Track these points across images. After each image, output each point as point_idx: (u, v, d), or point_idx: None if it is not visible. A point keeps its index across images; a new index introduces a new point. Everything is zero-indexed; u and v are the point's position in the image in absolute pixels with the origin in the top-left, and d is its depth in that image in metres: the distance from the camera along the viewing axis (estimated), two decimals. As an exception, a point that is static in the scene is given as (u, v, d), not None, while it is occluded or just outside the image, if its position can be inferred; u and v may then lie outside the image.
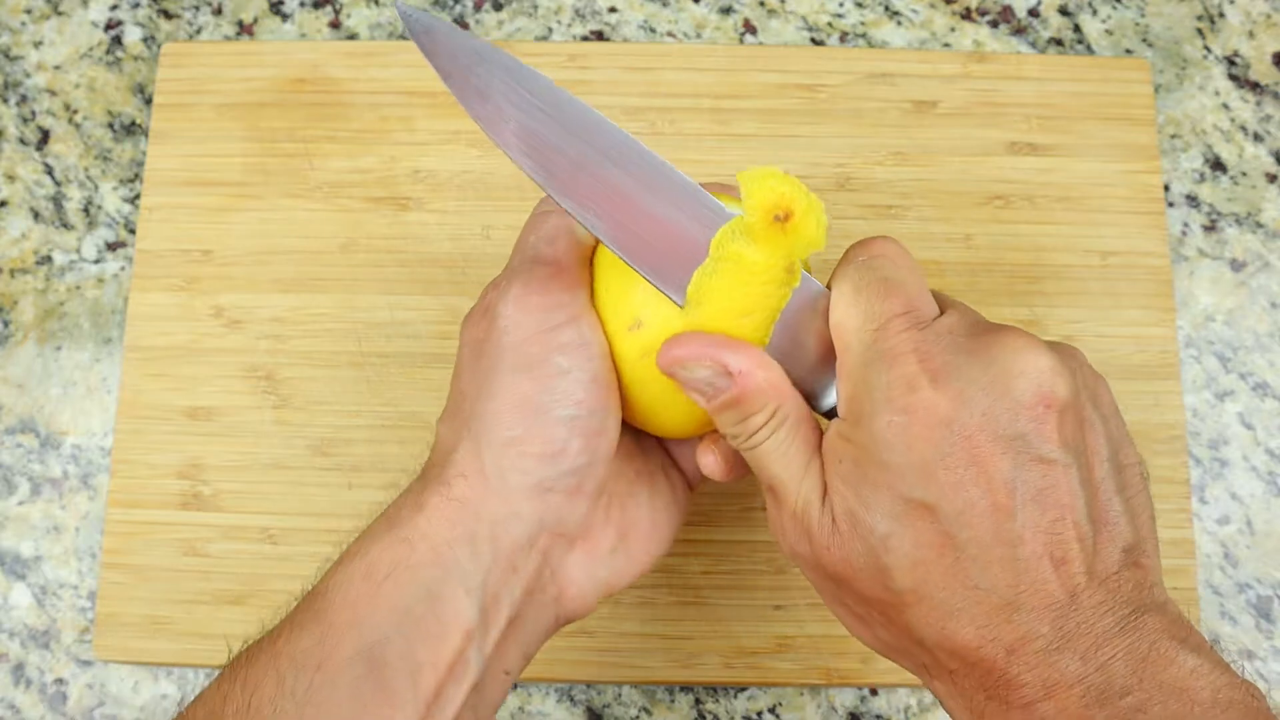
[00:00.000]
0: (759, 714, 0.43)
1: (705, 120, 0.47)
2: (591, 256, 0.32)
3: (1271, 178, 0.48)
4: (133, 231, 0.47)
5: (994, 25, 0.49)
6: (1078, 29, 0.49)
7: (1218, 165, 0.48)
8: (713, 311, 0.29)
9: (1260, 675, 0.43)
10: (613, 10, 0.50)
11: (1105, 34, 0.49)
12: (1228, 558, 0.44)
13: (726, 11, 0.50)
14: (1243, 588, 0.44)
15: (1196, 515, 0.44)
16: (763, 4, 0.50)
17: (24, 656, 0.44)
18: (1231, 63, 0.49)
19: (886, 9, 0.49)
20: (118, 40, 0.50)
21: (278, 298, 0.45)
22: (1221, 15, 0.49)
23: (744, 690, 0.43)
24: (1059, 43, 0.49)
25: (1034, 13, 0.49)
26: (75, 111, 0.49)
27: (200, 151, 0.47)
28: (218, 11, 0.50)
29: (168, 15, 0.50)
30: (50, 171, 0.48)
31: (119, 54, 0.50)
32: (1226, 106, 0.48)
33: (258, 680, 0.27)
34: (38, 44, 0.50)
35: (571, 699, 0.43)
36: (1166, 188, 0.47)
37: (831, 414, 0.30)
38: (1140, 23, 0.49)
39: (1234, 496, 0.44)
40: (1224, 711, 0.24)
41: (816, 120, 0.47)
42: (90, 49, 0.50)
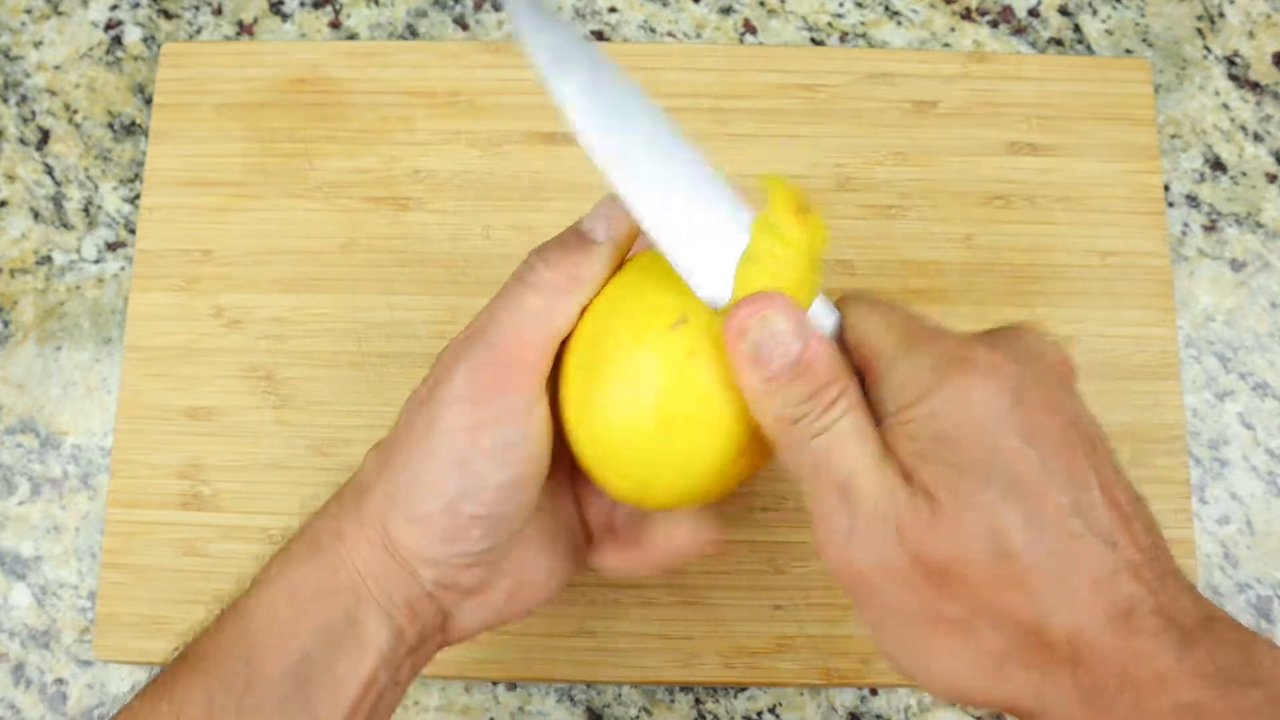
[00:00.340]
0: (759, 714, 0.43)
1: (705, 120, 0.47)
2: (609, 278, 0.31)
3: (1271, 178, 0.48)
4: (133, 231, 0.47)
5: (994, 25, 0.49)
6: (1078, 29, 0.49)
7: (1218, 165, 0.48)
8: None
9: (1260, 675, 0.43)
10: (613, 10, 0.50)
11: (1105, 34, 0.49)
12: (1228, 558, 0.44)
13: (726, 11, 0.50)
14: (1243, 588, 0.44)
15: (1196, 515, 0.44)
16: (763, 4, 0.50)
17: (24, 656, 0.44)
18: (1231, 63, 0.49)
19: (886, 9, 0.49)
20: (118, 40, 0.50)
21: (278, 298, 0.45)
22: (1221, 15, 0.49)
23: (744, 690, 0.43)
24: (1059, 43, 0.49)
25: (1034, 13, 0.49)
26: (75, 111, 0.49)
27: (200, 151, 0.47)
28: (218, 11, 0.50)
29: (168, 15, 0.50)
30: (50, 171, 0.48)
31: (119, 54, 0.50)
32: (1226, 106, 0.48)
33: (185, 697, 0.28)
34: (38, 44, 0.50)
35: (571, 699, 0.43)
36: (1166, 188, 0.47)
37: None
38: (1140, 23, 0.49)
39: (1234, 496, 0.44)
40: None
41: (816, 120, 0.47)
42: (90, 49, 0.50)
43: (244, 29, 0.50)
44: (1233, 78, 0.49)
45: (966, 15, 0.49)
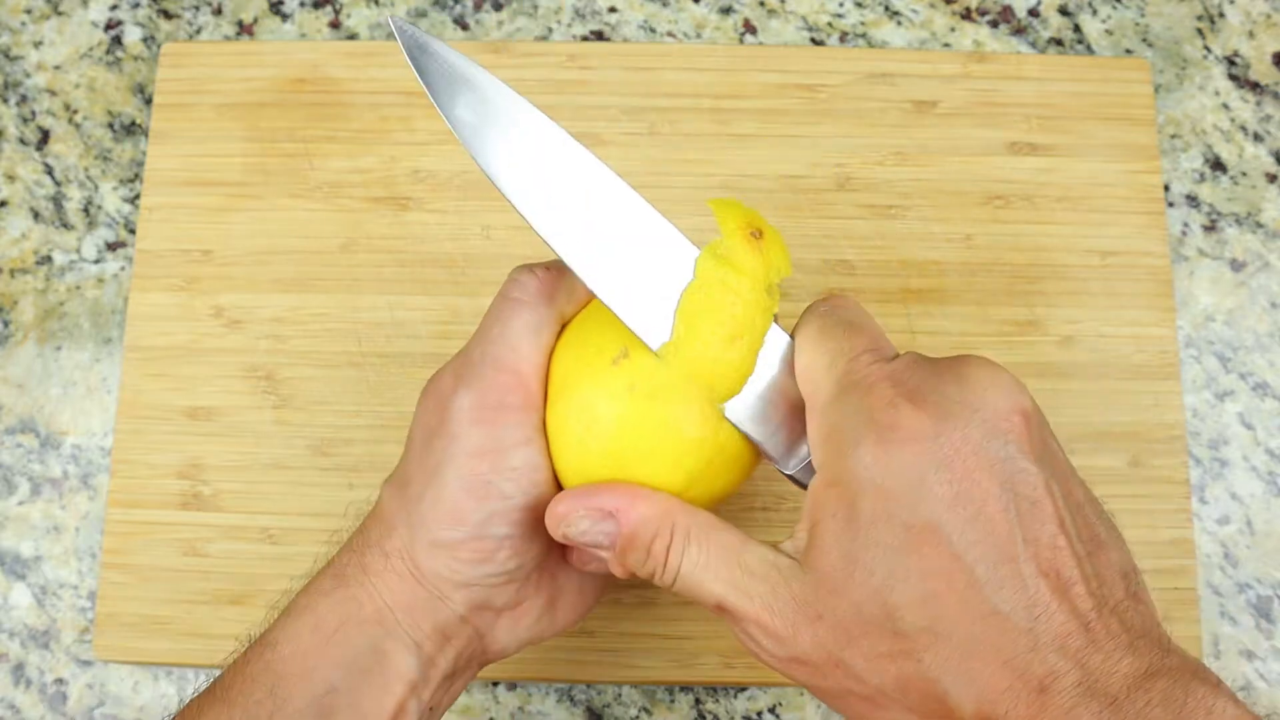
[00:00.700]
0: (759, 714, 0.43)
1: (705, 120, 0.47)
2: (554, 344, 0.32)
3: (1271, 178, 0.48)
4: (133, 231, 0.47)
5: (994, 25, 0.49)
6: (1078, 29, 0.49)
7: (1218, 165, 0.48)
8: (703, 337, 0.29)
9: (1260, 675, 0.43)
10: (613, 10, 0.50)
11: (1105, 34, 0.49)
12: (1228, 558, 0.44)
13: (726, 11, 0.50)
14: (1243, 588, 0.44)
15: (1196, 515, 0.44)
16: (763, 4, 0.50)
17: (24, 656, 0.44)
18: (1231, 63, 0.49)
19: (886, 9, 0.49)
20: (118, 40, 0.50)
21: (278, 298, 0.45)
22: (1221, 15, 0.49)
23: (744, 690, 0.43)
24: (1059, 43, 0.49)
25: (1034, 13, 0.49)
26: (75, 111, 0.49)
27: (200, 151, 0.47)
28: (218, 11, 0.50)
29: (168, 15, 0.50)
30: (50, 171, 0.48)
31: (119, 54, 0.50)
32: (1226, 106, 0.48)
33: None
34: (38, 44, 0.50)
35: (571, 699, 0.43)
36: (1166, 188, 0.47)
37: (802, 475, 0.30)
38: (1140, 23, 0.49)
39: (1234, 496, 0.44)
40: None
41: (816, 120, 0.47)
42: (90, 49, 0.50)
43: (244, 29, 0.50)
44: (1233, 78, 0.49)
45: (966, 15, 0.49)
